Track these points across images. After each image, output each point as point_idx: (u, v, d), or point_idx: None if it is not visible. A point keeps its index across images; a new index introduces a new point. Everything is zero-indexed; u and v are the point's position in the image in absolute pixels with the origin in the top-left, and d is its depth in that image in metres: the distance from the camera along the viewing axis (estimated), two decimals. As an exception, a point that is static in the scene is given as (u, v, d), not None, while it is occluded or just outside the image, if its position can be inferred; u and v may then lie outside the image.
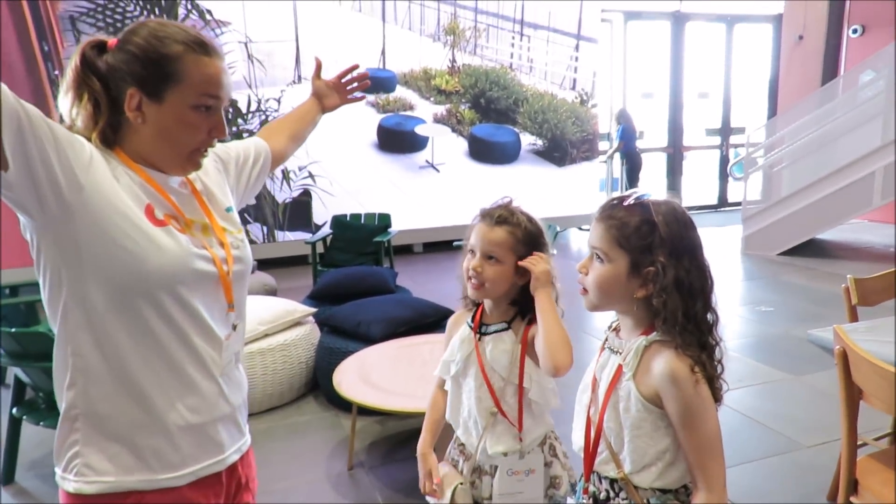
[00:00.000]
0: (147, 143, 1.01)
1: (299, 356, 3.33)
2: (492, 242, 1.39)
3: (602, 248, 1.12)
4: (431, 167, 7.01)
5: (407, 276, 5.41)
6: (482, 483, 1.45)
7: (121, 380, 0.98)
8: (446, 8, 6.91)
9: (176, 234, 1.00)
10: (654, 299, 1.09)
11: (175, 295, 0.99)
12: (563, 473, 1.46)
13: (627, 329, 1.17)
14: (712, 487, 1.06)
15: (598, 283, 1.13)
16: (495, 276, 1.39)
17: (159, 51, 0.98)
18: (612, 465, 1.14)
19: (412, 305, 3.43)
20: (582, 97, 7.60)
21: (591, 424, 1.18)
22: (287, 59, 6.31)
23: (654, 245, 1.08)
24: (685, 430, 1.07)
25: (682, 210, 1.13)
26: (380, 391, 2.50)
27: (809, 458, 2.65)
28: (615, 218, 1.11)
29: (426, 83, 6.92)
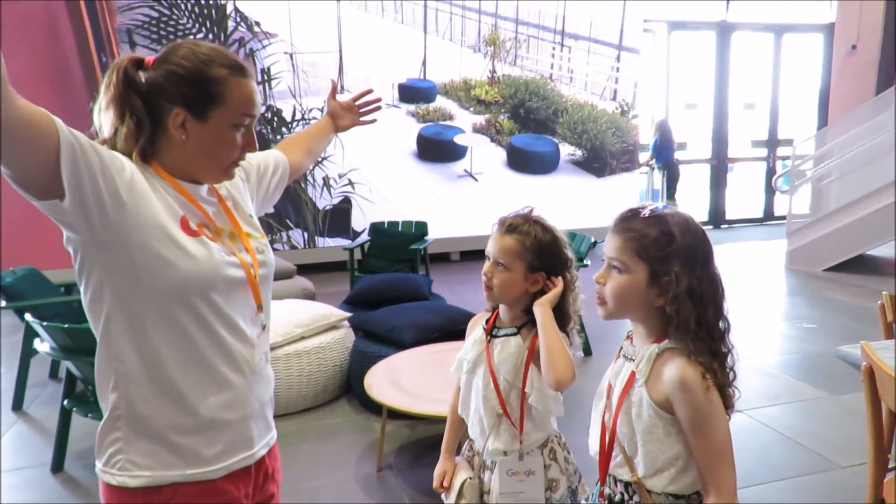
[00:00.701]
0: (186, 158, 1.07)
1: (334, 359, 3.42)
2: (500, 249, 1.46)
3: (621, 259, 1.15)
4: (470, 176, 7.07)
5: (443, 285, 5.47)
6: (485, 478, 1.51)
7: (160, 382, 1.04)
8: (487, 19, 6.98)
9: (208, 244, 1.06)
10: (668, 307, 1.11)
11: (209, 300, 1.06)
12: (560, 477, 1.50)
13: (641, 337, 1.20)
14: (722, 492, 1.07)
15: (616, 293, 1.16)
16: (502, 281, 1.45)
17: (206, 73, 1.04)
18: (626, 469, 1.17)
19: (444, 312, 3.49)
20: (623, 108, 7.56)
21: (606, 429, 1.21)
22: (331, 70, 6.48)
23: (671, 256, 1.11)
24: (695, 435, 1.09)
25: (696, 222, 1.16)
26: (409, 395, 2.56)
27: (844, 478, 2.58)
28: (633, 230, 1.14)
29: (466, 93, 7.00)
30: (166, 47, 1.08)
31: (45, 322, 2.57)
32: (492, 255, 1.47)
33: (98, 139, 1.05)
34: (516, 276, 1.45)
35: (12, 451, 3.02)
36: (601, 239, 6.50)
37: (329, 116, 1.58)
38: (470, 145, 7.05)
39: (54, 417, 2.96)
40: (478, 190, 7.07)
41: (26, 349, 3.43)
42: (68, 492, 2.66)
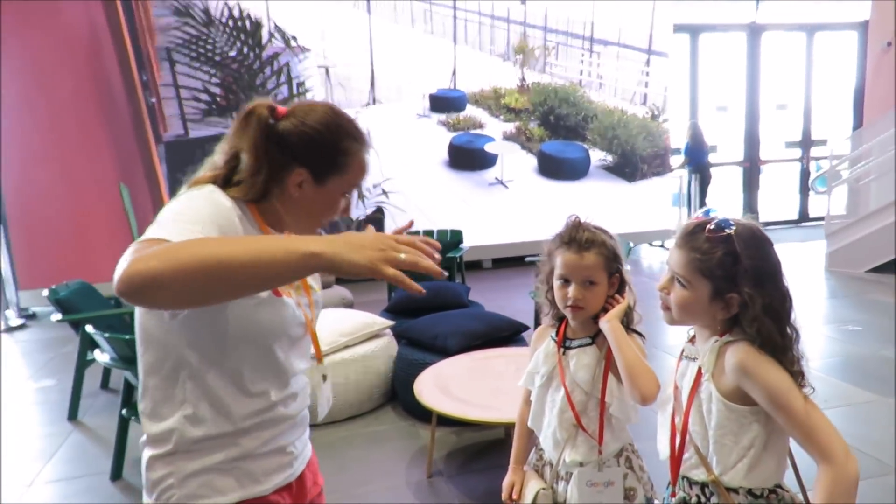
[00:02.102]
0: (289, 210, 1.10)
1: (378, 367, 3.46)
2: (587, 269, 1.43)
3: (684, 275, 1.17)
4: (501, 184, 7.10)
5: (477, 292, 5.48)
6: (559, 488, 1.51)
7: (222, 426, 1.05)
8: (516, 27, 7.02)
9: (288, 301, 1.09)
10: (748, 328, 1.13)
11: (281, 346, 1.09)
12: (637, 486, 1.50)
13: (703, 338, 1.22)
14: (830, 457, 1.05)
15: (680, 306, 1.19)
16: (595, 298, 1.45)
17: (339, 144, 1.08)
18: (702, 470, 1.18)
19: (487, 319, 3.51)
20: (653, 112, 7.52)
21: (676, 432, 1.23)
22: (363, 83, 6.57)
23: (738, 275, 1.13)
24: (778, 412, 1.09)
25: (761, 232, 1.17)
26: (458, 401, 2.59)
27: (904, 483, 2.54)
28: (697, 249, 1.15)
29: (496, 102, 7.04)
30: (303, 103, 1.11)
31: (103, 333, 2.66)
32: (575, 277, 1.44)
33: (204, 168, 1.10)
34: (603, 288, 1.45)
35: (70, 460, 3.11)
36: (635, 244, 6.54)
37: None
38: (500, 153, 7.08)
39: (109, 426, 3.05)
40: (509, 197, 7.09)
41: (81, 360, 3.53)
42: (128, 498, 2.73)
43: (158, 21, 5.87)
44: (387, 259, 0.85)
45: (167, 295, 0.82)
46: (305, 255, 0.84)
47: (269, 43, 6.22)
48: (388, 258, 0.85)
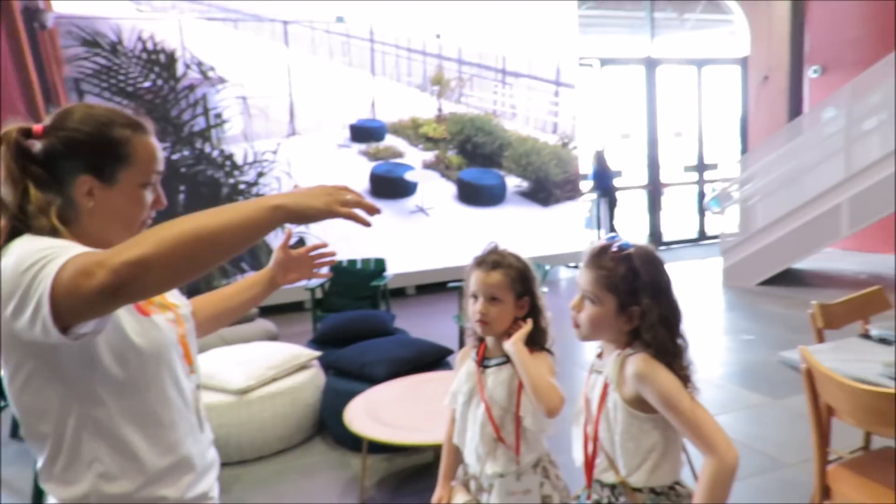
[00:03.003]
0: (98, 224, 1.03)
1: (306, 399, 3.48)
2: (491, 286, 1.59)
3: (593, 292, 1.34)
4: (421, 211, 7.26)
5: (402, 319, 5.57)
6: (483, 499, 1.63)
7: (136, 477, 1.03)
8: (432, 60, 7.26)
9: (156, 319, 1.08)
10: (645, 335, 1.30)
11: (170, 373, 1.09)
12: (553, 493, 1.64)
13: (609, 352, 1.39)
14: (713, 449, 1.21)
15: (590, 321, 1.35)
16: (499, 314, 1.60)
17: (109, 135, 1.02)
18: (611, 472, 1.34)
19: (413, 345, 3.61)
20: (563, 140, 7.95)
21: (589, 440, 1.38)
22: (282, 114, 6.59)
23: (639, 289, 1.30)
24: (669, 412, 1.26)
25: (656, 253, 1.36)
26: (389, 427, 2.67)
27: (791, 475, 2.83)
28: (604, 267, 1.33)
29: (414, 131, 7.23)
30: (55, 113, 1.04)
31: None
32: (482, 293, 1.59)
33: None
34: (508, 307, 1.60)
35: (-21, 515, 2.94)
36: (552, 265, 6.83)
37: (273, 269, 1.43)
38: (420, 181, 7.25)
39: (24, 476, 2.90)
40: (430, 224, 7.26)
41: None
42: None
43: (66, 51, 5.68)
44: (338, 201, 0.95)
45: (155, 277, 0.84)
46: (272, 209, 0.91)
47: (185, 74, 6.14)
48: (339, 200, 0.95)
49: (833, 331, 2.54)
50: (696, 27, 10.09)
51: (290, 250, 1.44)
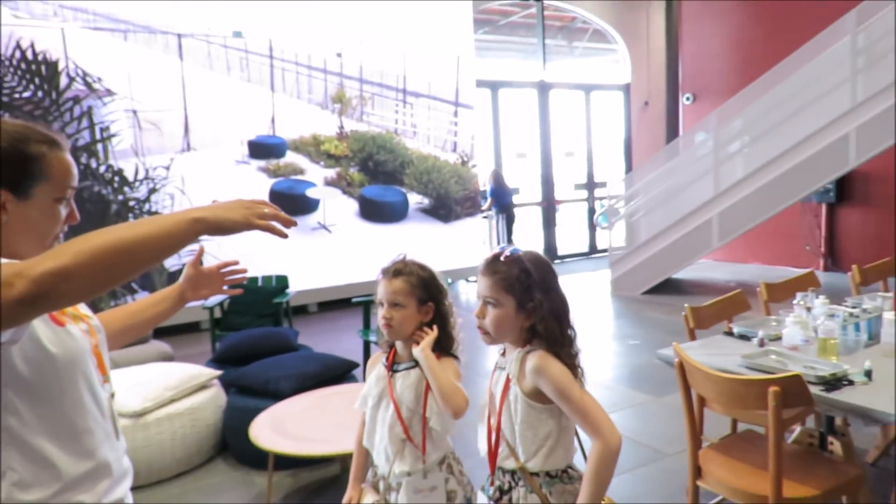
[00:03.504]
0: (11, 237, 1.05)
1: (207, 419, 3.39)
2: (393, 292, 1.69)
3: (493, 296, 1.46)
4: (324, 228, 7.24)
5: (305, 336, 5.52)
6: (391, 498, 1.71)
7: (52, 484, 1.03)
8: (333, 78, 7.30)
9: (71, 329, 1.09)
10: (538, 326, 1.44)
11: (85, 381, 1.10)
12: (457, 488, 1.74)
13: (511, 351, 1.52)
14: (599, 432, 1.35)
15: (495, 324, 1.48)
16: (401, 318, 1.70)
17: (25, 152, 1.05)
18: (512, 459, 1.46)
19: (319, 360, 3.62)
20: (463, 158, 8.21)
21: (492, 431, 1.50)
22: (176, 128, 6.38)
23: (532, 286, 1.44)
24: (562, 401, 1.39)
25: (543, 256, 1.52)
26: (296, 440, 2.67)
27: (673, 463, 3.11)
28: (499, 272, 1.47)
29: (316, 148, 7.21)
30: None
31: None
32: (386, 299, 1.69)
33: None
34: (411, 312, 1.70)
35: None
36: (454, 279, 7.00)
37: (183, 285, 1.45)
38: (322, 198, 7.24)
39: None
40: (332, 241, 7.25)
41: None
42: None
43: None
44: (256, 214, 1.00)
45: (75, 287, 0.86)
46: (192, 222, 0.95)
47: (69, 86, 5.81)
48: (257, 213, 1.01)
49: (703, 330, 2.83)
50: (584, 55, 10.79)
51: (201, 267, 1.46)
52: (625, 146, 10.62)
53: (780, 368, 2.06)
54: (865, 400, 1.81)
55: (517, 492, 1.47)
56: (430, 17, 7.83)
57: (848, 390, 1.89)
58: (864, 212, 7.69)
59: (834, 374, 1.95)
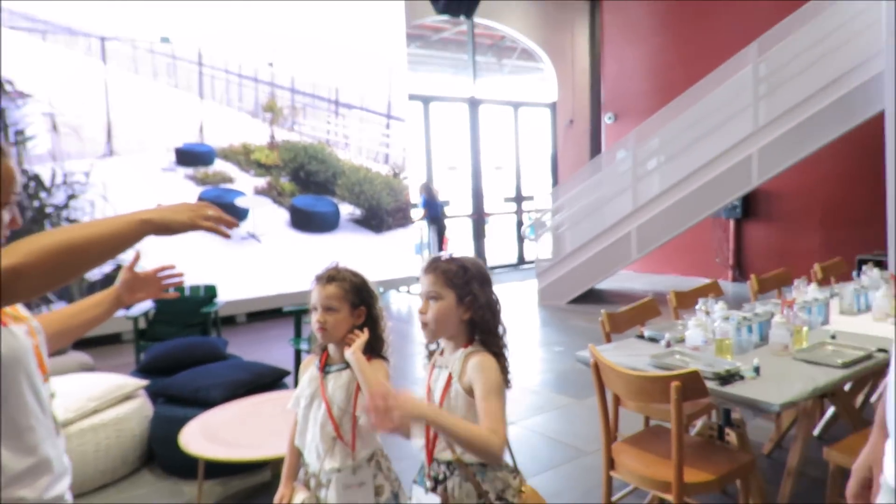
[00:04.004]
0: None
1: (132, 429, 3.33)
2: (327, 297, 1.78)
3: (435, 290, 1.59)
4: (253, 238, 7.16)
5: (234, 346, 5.44)
6: (321, 495, 1.79)
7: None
8: (264, 87, 7.27)
9: (14, 329, 1.12)
10: (475, 315, 1.57)
11: (28, 380, 1.15)
12: (385, 483, 1.84)
13: (451, 349, 1.63)
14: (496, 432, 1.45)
15: (437, 316, 1.59)
16: (335, 322, 1.79)
17: None
18: (448, 452, 1.57)
19: (249, 368, 3.62)
20: (395, 170, 8.32)
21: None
22: (98, 133, 6.18)
23: (470, 281, 1.58)
24: (482, 400, 1.51)
25: (478, 259, 1.66)
26: (229, 446, 2.69)
27: (593, 460, 3.30)
28: (439, 268, 1.59)
29: (246, 157, 7.15)
30: None
31: None
32: (320, 303, 1.78)
33: None
34: (344, 316, 1.79)
35: None
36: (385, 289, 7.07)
37: (119, 289, 1.46)
38: (252, 207, 7.17)
39: None
40: (262, 251, 7.18)
41: None
42: None
43: None
44: (201, 216, 1.09)
45: (26, 284, 0.91)
46: (141, 223, 1.02)
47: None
48: (202, 214, 1.09)
49: (618, 334, 3.05)
50: (512, 72, 11.16)
51: (137, 271, 1.49)
52: (551, 161, 11.03)
53: (682, 366, 2.27)
54: (753, 392, 2.03)
55: (452, 481, 1.58)
56: (363, 30, 7.93)
57: (739, 384, 2.12)
58: (767, 227, 8.33)
59: (728, 371, 2.18)
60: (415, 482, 1.69)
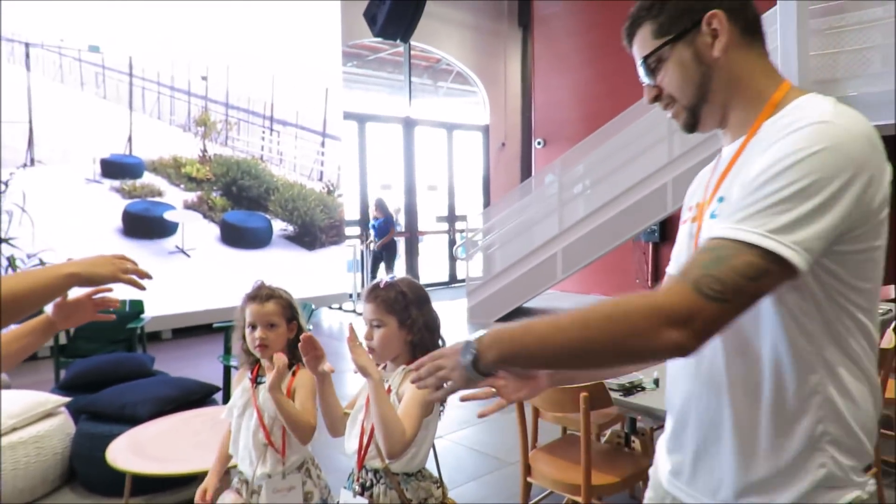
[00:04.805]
0: None
1: (54, 447, 3.26)
2: (268, 314, 1.90)
3: (378, 318, 1.71)
4: (182, 252, 7.04)
5: (160, 362, 5.35)
6: (253, 500, 1.89)
7: None
8: (197, 101, 7.21)
9: None
10: (414, 338, 1.70)
11: None
12: (314, 490, 1.96)
13: (392, 367, 1.76)
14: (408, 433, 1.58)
15: (382, 342, 1.72)
16: (276, 337, 1.90)
17: None
18: (377, 460, 1.70)
19: (177, 384, 3.61)
20: (329, 187, 8.39)
21: (364, 433, 1.73)
22: (18, 141, 5.97)
23: (409, 305, 1.71)
24: (407, 407, 1.63)
25: (415, 281, 1.81)
26: (158, 461, 2.70)
27: (512, 470, 3.49)
28: (379, 296, 1.72)
29: (176, 171, 7.05)
30: None
31: None
32: (260, 321, 1.88)
33: None
34: (283, 331, 1.91)
35: None
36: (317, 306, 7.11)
37: (51, 316, 1.47)
38: (181, 221, 7.06)
39: None
40: (191, 266, 7.07)
41: None
42: None
43: None
44: (121, 269, 1.21)
45: None
46: (68, 277, 1.13)
47: None
48: (122, 268, 1.22)
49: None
50: (447, 94, 11.46)
51: (68, 299, 1.48)
52: (483, 182, 11.36)
53: (593, 379, 2.49)
54: (650, 402, 2.26)
55: (378, 488, 1.71)
56: (299, 47, 8.00)
57: (640, 395, 2.35)
58: (682, 250, 8.86)
59: (631, 382, 2.41)
60: (344, 487, 1.81)
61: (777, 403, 0.93)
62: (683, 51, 0.99)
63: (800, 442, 0.93)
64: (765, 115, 0.94)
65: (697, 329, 0.82)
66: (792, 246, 0.81)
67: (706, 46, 0.97)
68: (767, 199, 0.83)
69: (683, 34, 0.98)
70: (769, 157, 0.86)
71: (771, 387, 0.94)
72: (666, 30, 1.00)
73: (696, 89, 1.00)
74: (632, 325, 0.86)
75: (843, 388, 0.92)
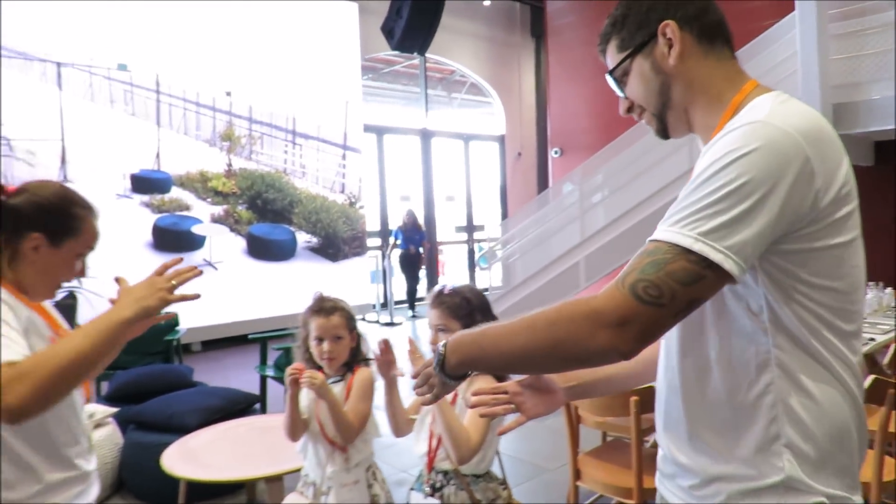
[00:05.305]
0: (30, 276, 1.29)
1: (104, 457, 3.33)
2: (335, 327, 1.96)
3: (443, 323, 1.77)
4: (210, 265, 7.15)
5: (195, 374, 5.44)
6: (321, 501, 1.95)
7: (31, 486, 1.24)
8: (222, 116, 7.34)
9: None
10: None
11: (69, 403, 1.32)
12: (380, 492, 2.02)
13: None
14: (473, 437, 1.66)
15: None
16: (343, 349, 1.96)
17: (69, 211, 1.32)
18: (447, 462, 1.75)
19: (221, 394, 3.68)
20: (350, 199, 8.48)
21: (434, 435, 1.78)
22: (51, 159, 6.11)
23: (473, 311, 1.76)
24: (472, 415, 1.70)
25: (476, 287, 1.85)
26: (212, 468, 2.76)
27: (554, 476, 3.52)
28: (444, 302, 1.77)
29: (203, 185, 7.17)
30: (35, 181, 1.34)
31: None
32: (327, 335, 1.94)
33: None
34: (348, 342, 1.97)
35: None
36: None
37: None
38: (209, 235, 7.17)
39: None
40: (218, 278, 7.16)
41: None
42: None
43: None
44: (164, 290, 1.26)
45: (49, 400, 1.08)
46: (123, 323, 1.19)
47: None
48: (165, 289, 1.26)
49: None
50: (462, 106, 11.57)
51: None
52: (501, 193, 11.42)
53: (640, 383, 2.53)
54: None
55: (448, 489, 1.76)
56: (319, 61, 8.12)
57: (690, 398, 2.39)
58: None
59: (680, 386, 2.45)
60: (413, 489, 1.86)
61: (728, 403, 0.92)
62: (643, 62, 1.03)
63: (754, 442, 0.90)
64: (726, 117, 0.95)
65: (634, 332, 0.83)
66: (723, 251, 0.81)
67: (663, 56, 1.00)
68: (701, 202, 0.84)
69: (642, 46, 1.02)
70: (707, 157, 0.87)
71: (720, 386, 0.93)
72: (627, 44, 1.05)
73: (657, 98, 1.03)
74: (571, 328, 0.88)
75: (802, 390, 0.89)
